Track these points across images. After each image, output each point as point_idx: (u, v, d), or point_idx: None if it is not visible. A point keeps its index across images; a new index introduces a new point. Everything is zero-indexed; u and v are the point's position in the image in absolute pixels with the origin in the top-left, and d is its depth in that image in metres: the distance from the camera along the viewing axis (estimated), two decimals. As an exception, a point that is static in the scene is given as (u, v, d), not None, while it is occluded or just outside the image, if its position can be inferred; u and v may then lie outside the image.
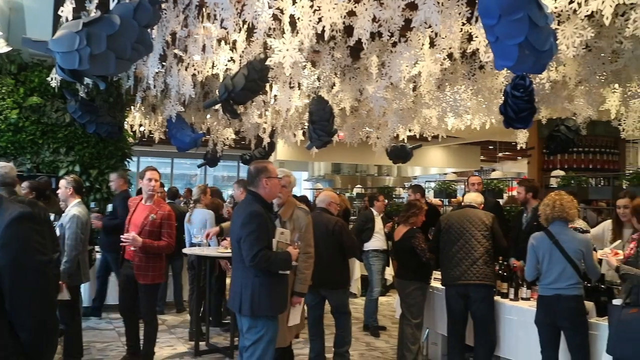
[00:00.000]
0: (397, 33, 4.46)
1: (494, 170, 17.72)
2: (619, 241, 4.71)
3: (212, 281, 6.67)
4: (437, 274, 6.03)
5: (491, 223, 5.15)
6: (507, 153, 19.82)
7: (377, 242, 7.35)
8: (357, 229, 7.37)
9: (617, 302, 4.00)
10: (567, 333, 4.32)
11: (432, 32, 4.72)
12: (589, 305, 4.50)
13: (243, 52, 5.46)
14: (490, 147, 18.26)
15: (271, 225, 4.07)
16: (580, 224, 5.36)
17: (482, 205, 5.61)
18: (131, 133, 9.58)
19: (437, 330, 5.90)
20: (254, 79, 5.24)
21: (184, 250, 6.58)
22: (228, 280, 6.56)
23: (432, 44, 5.04)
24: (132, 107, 8.87)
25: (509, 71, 5.09)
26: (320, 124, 6.37)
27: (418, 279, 5.59)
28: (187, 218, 6.81)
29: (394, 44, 5.00)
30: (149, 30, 3.94)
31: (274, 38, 4.64)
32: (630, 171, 7.72)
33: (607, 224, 5.46)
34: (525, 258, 4.65)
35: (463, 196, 6.48)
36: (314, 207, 6.26)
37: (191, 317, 6.72)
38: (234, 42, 5.44)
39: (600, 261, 4.43)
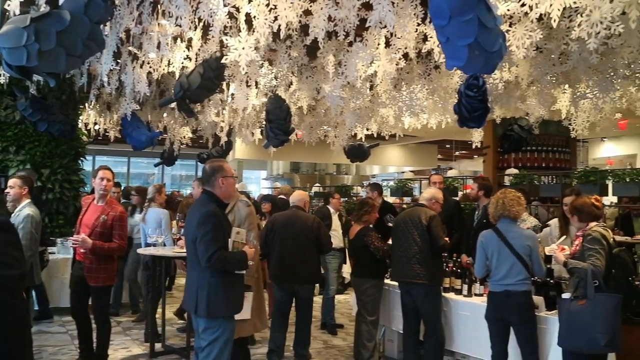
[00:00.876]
0: (353, 32, 4.49)
1: (450, 168, 17.98)
2: (565, 237, 4.85)
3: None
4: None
5: (428, 222, 5.17)
6: (463, 152, 20.15)
7: (334, 240, 7.36)
8: None
9: (565, 296, 4.12)
10: (516, 328, 4.44)
11: (387, 32, 4.76)
12: (539, 299, 4.63)
13: (199, 50, 5.41)
14: (447, 145, 18.54)
15: (227, 225, 4.06)
16: (531, 221, 5.50)
17: (438, 202, 5.56)
18: (85, 132, 9.39)
19: (393, 327, 5.96)
20: (210, 77, 5.19)
21: (139, 251, 6.48)
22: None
23: (387, 44, 5.07)
24: (86, 105, 8.69)
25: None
26: (278, 122, 6.34)
27: (373, 276, 5.65)
28: (142, 217, 6.71)
29: (350, 44, 5.02)
30: (101, 26, 3.86)
31: (230, 36, 4.61)
32: (580, 169, 7.92)
33: (556, 221, 5.62)
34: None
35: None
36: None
37: (146, 318, 6.62)
38: (190, 40, 5.38)
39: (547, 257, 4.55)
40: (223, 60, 4.72)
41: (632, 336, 5.33)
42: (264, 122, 6.88)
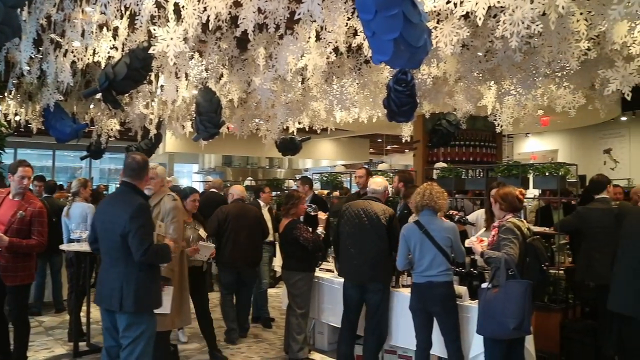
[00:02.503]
0: (284, 25, 4.47)
1: (382, 162, 18.24)
2: (484, 229, 5.02)
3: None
4: (325, 264, 6.14)
5: (388, 222, 5.11)
6: (395, 146, 20.47)
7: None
8: None
9: (485, 285, 4.28)
10: (438, 317, 4.58)
11: (318, 25, 4.77)
12: (462, 289, 4.78)
13: (126, 39, 5.26)
14: (379, 140, 18.78)
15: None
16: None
17: (387, 193, 5.54)
18: (5, 123, 8.97)
19: (323, 319, 6.00)
20: (137, 67, 5.05)
21: (62, 247, 6.25)
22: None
23: (318, 38, 5.08)
24: (4, 95, 8.29)
25: (392, 66, 5.24)
26: (208, 115, 6.25)
27: (302, 269, 5.67)
28: (65, 212, 6.48)
29: (281, 37, 5.00)
30: (17, 11, 3.69)
31: (159, 26, 4.50)
32: (503, 163, 8.19)
33: (481, 212, 5.79)
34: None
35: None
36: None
37: (70, 317, 6.40)
38: (116, 29, 5.22)
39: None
40: (150, 51, 4.60)
41: (549, 321, 5.62)
42: (194, 115, 6.78)
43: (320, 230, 5.72)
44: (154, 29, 4.33)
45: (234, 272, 6.46)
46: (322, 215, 5.88)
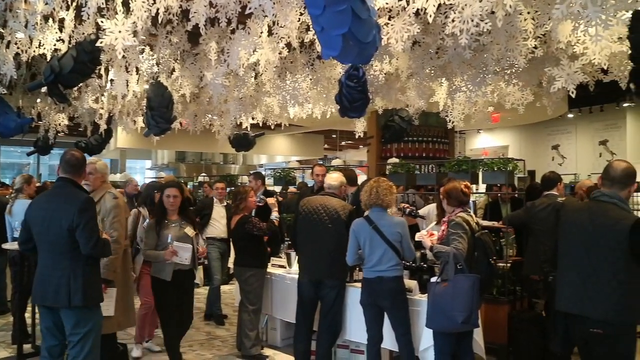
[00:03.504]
0: (235, 20, 4.44)
1: (336, 158, 18.30)
2: (434, 223, 5.11)
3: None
4: (275, 260, 6.13)
5: (347, 218, 5.08)
6: (349, 142, 20.57)
7: (214, 229, 7.30)
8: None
9: (434, 279, 4.34)
10: (389, 312, 4.64)
11: (270, 20, 4.75)
12: (412, 283, 4.85)
13: (72, 31, 5.12)
14: (333, 135, 18.83)
15: None
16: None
17: (344, 187, 5.52)
18: (-58, 117, 8.63)
19: (276, 315, 6.00)
20: (84, 60, 4.91)
21: (5, 246, 6.05)
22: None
23: (270, 33, 5.06)
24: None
25: (345, 62, 5.26)
26: (159, 110, 6.14)
27: (255, 265, 5.65)
28: (8, 210, 6.29)
29: (233, 31, 4.96)
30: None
31: (108, 19, 4.40)
32: (453, 159, 8.33)
33: (433, 207, 5.87)
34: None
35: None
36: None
37: (14, 318, 6.21)
38: (62, 20, 5.08)
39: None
40: (98, 44, 4.48)
41: (498, 313, 5.76)
42: (145, 110, 6.67)
43: (274, 215, 5.74)
44: (102, 21, 4.23)
45: None
46: (271, 200, 5.89)
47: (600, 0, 3.17)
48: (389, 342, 4.75)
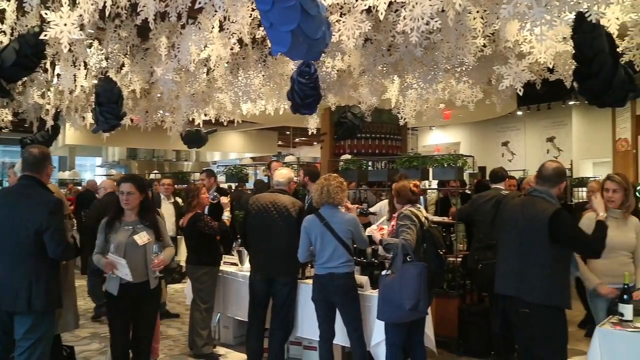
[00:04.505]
0: (185, 14, 4.38)
1: (290, 155, 18.30)
2: (384, 218, 5.17)
3: None
4: (227, 258, 6.09)
5: (298, 214, 5.06)
6: (303, 138, 20.58)
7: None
8: None
9: (384, 272, 4.41)
10: (340, 308, 4.66)
11: (222, 16, 4.69)
12: (363, 279, 4.89)
13: (15, 23, 4.96)
14: (287, 132, 18.81)
15: None
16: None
17: (294, 183, 5.51)
18: None
19: (228, 313, 5.96)
20: (27, 54, 4.77)
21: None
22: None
23: (221, 28, 5.00)
24: None
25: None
26: (108, 106, 6.03)
27: (207, 263, 5.59)
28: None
29: (183, 26, 4.89)
30: None
31: (53, 11, 4.27)
32: (404, 155, 8.42)
33: (385, 203, 5.93)
34: None
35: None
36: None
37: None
38: (3, 11, 4.92)
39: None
40: (42, 37, 4.35)
41: (448, 307, 5.87)
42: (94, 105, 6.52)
43: (225, 215, 5.66)
44: (46, 14, 4.11)
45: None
46: (224, 200, 5.82)
47: (545, 1, 3.24)
48: (341, 337, 4.78)
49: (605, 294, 4.16)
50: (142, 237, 4.32)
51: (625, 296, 3.65)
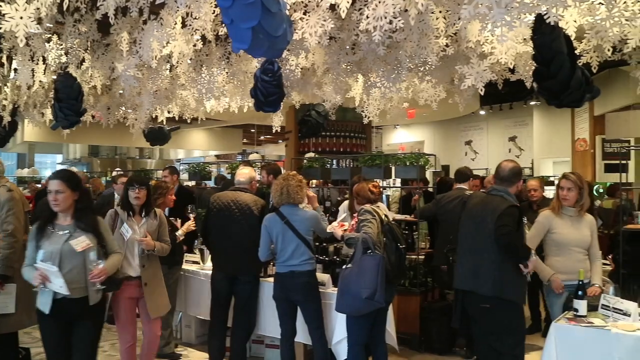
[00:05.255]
0: (147, 10, 4.32)
1: (255, 152, 18.22)
2: (345, 214, 5.20)
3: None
4: (188, 257, 6.03)
5: (260, 212, 5.06)
6: (268, 136, 20.51)
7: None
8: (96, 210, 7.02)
9: (345, 266, 4.49)
10: (301, 305, 4.68)
11: (184, 12, 4.64)
12: (325, 277, 4.91)
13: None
14: (252, 130, 18.72)
15: None
16: None
17: (255, 182, 5.50)
18: None
19: (190, 312, 5.91)
20: (-19, 48, 4.66)
21: None
22: None
23: (184, 24, 4.95)
24: None
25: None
26: (68, 102, 5.93)
27: (168, 262, 5.50)
28: None
29: (145, 22, 4.83)
30: None
31: (9, 3, 4.17)
32: (367, 154, 8.47)
33: (347, 204, 5.96)
34: None
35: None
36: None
37: None
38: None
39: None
40: (-4, 30, 4.24)
41: (410, 304, 5.92)
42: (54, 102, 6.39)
43: (179, 232, 5.52)
44: (0, 6, 4.00)
45: None
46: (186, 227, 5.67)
47: (505, 3, 3.28)
48: (302, 336, 4.78)
49: (554, 287, 4.27)
50: (81, 243, 3.70)
51: (579, 292, 3.75)
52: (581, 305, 3.72)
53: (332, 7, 4.18)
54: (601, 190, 10.73)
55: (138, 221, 4.64)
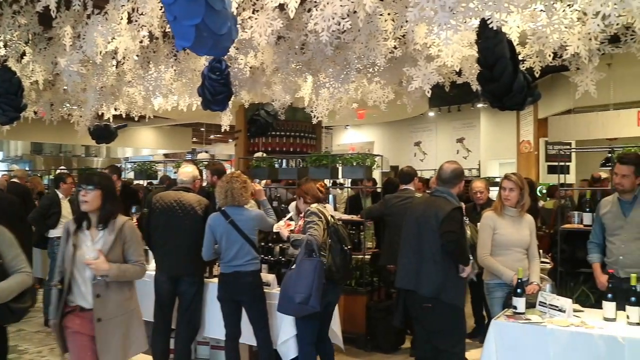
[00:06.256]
0: (91, 3, 4.24)
1: (205, 152, 18.05)
2: (292, 213, 5.21)
3: None
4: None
5: (204, 212, 4.99)
6: (218, 135, 20.33)
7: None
8: (39, 214, 6.82)
9: (290, 267, 4.50)
10: (246, 306, 4.65)
11: (130, 7, 4.57)
12: (270, 277, 4.90)
13: None
14: (201, 129, 18.53)
15: None
16: None
17: (199, 181, 5.43)
18: None
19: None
20: None
21: None
22: None
23: (130, 20, 4.86)
24: None
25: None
26: (6, 97, 5.74)
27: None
28: None
29: (89, 16, 4.72)
30: None
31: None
32: (314, 154, 8.48)
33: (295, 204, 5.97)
34: None
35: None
36: None
37: None
38: None
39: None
40: None
41: (356, 304, 5.97)
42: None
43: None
44: None
45: None
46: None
47: (450, 7, 3.34)
48: (247, 336, 4.74)
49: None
50: None
51: (518, 290, 3.85)
52: (520, 303, 3.82)
53: (281, 7, 4.18)
54: (544, 191, 11.07)
55: (94, 235, 3.52)
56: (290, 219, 4.89)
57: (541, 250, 5.50)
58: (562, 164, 7.20)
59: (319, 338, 4.59)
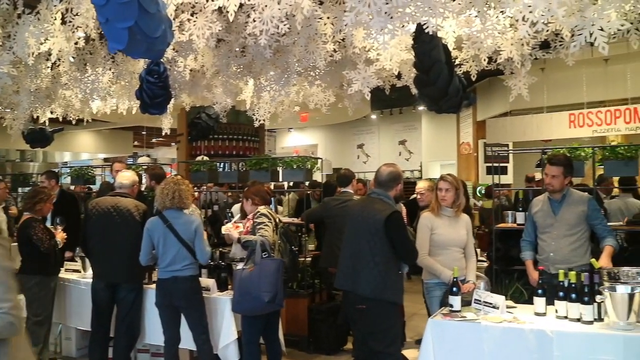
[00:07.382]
0: (22, 2, 4.12)
1: (147, 155, 17.72)
2: (238, 216, 5.21)
3: None
4: (69, 265, 5.77)
5: (142, 217, 4.91)
6: (160, 139, 20.01)
7: (-3, 235, 6.66)
8: None
9: (239, 266, 4.54)
10: (185, 311, 4.60)
11: (64, 7, 4.46)
12: (210, 282, 4.86)
13: None
14: (143, 132, 18.20)
15: None
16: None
17: (136, 187, 5.33)
18: None
19: (70, 324, 5.62)
20: None
21: None
22: None
23: (64, 21, 4.74)
24: None
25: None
26: None
27: (38, 272, 5.14)
28: None
29: (20, 15, 4.58)
30: None
31: None
32: (254, 157, 8.48)
33: (238, 206, 5.95)
34: None
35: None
36: None
37: None
38: None
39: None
40: None
41: (298, 306, 6.00)
42: None
43: (58, 239, 5.26)
44: None
45: None
46: (60, 236, 5.38)
47: (385, 12, 3.39)
48: (187, 342, 4.67)
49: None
50: None
51: (454, 289, 3.95)
52: (455, 301, 3.91)
53: (220, 10, 4.16)
54: (483, 192, 11.38)
55: None
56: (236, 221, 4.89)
57: (478, 249, 5.66)
58: (499, 165, 7.40)
59: (270, 338, 4.66)
